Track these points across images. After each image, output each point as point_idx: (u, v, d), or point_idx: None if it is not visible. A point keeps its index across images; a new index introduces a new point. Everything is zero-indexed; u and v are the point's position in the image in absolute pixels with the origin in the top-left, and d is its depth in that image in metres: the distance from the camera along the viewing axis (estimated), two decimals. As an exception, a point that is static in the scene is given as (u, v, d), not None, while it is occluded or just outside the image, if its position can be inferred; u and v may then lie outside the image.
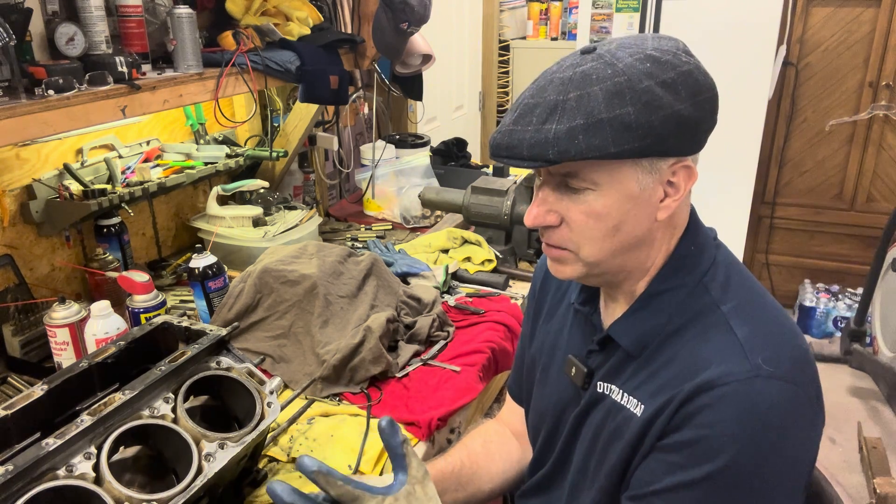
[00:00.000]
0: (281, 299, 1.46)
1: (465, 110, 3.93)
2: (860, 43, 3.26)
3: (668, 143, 0.75)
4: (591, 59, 0.77)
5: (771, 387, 0.73)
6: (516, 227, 1.95)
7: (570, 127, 0.73)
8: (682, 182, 0.80)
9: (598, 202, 0.78)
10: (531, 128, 0.75)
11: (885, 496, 2.23)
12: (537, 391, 1.04)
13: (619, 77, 0.74)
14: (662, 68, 0.75)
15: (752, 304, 0.82)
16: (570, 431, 0.94)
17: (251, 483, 1.08)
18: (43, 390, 0.90)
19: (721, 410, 0.74)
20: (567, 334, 0.98)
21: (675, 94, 0.74)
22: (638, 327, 0.85)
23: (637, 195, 0.78)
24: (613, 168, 0.77)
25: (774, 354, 0.76)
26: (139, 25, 1.38)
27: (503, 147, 0.78)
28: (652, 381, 0.82)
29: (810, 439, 0.77)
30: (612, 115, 0.73)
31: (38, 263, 1.55)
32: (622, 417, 0.84)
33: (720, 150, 3.28)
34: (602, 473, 0.86)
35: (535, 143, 0.74)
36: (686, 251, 0.85)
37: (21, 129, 1.09)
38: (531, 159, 0.75)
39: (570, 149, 0.73)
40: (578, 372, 0.91)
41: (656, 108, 0.73)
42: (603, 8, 3.30)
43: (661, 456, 0.78)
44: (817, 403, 0.77)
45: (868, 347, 3.04)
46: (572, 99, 0.74)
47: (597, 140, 0.73)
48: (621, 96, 0.73)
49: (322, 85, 1.77)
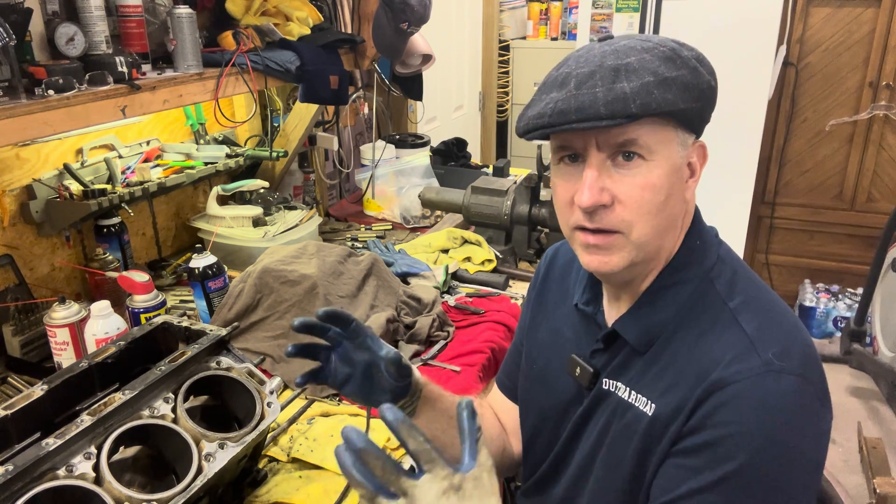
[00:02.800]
0: (281, 299, 1.46)
1: (465, 110, 3.93)
2: (860, 43, 3.26)
3: (704, 113, 0.79)
4: (623, 39, 0.78)
5: (783, 381, 0.73)
6: (516, 227, 1.95)
7: (643, 83, 0.73)
8: (698, 163, 0.83)
9: (653, 173, 0.77)
10: (600, 88, 0.73)
11: (885, 496, 2.23)
12: (537, 391, 1.03)
13: (662, 47, 0.76)
14: (686, 47, 0.78)
15: (759, 300, 0.82)
16: (573, 430, 0.94)
17: (251, 483, 1.08)
18: (43, 390, 0.90)
19: (736, 408, 0.73)
20: (570, 334, 0.98)
21: (705, 67, 0.78)
22: (644, 322, 0.84)
23: (678, 168, 0.80)
24: (666, 136, 0.77)
25: (784, 349, 0.76)
26: (139, 25, 1.38)
27: (571, 111, 0.74)
28: (661, 378, 0.81)
29: (822, 433, 0.77)
30: (673, 75, 0.74)
31: (38, 263, 1.55)
32: (631, 416, 0.83)
33: (720, 150, 3.27)
34: (612, 472, 0.86)
35: (614, 100, 0.72)
36: (693, 245, 0.85)
37: (21, 129, 1.09)
38: (610, 117, 0.72)
39: (651, 102, 0.73)
40: (584, 372, 0.91)
41: (699, 75, 0.76)
42: (603, 8, 3.30)
43: (679, 461, 0.78)
44: (826, 398, 0.77)
45: (868, 347, 3.04)
46: (633, 62, 0.74)
47: (669, 95, 0.74)
48: (673, 61, 0.75)
49: (322, 85, 1.77)
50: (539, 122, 0.77)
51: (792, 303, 3.71)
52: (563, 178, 0.82)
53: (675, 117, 0.76)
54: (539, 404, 1.02)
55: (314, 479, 1.10)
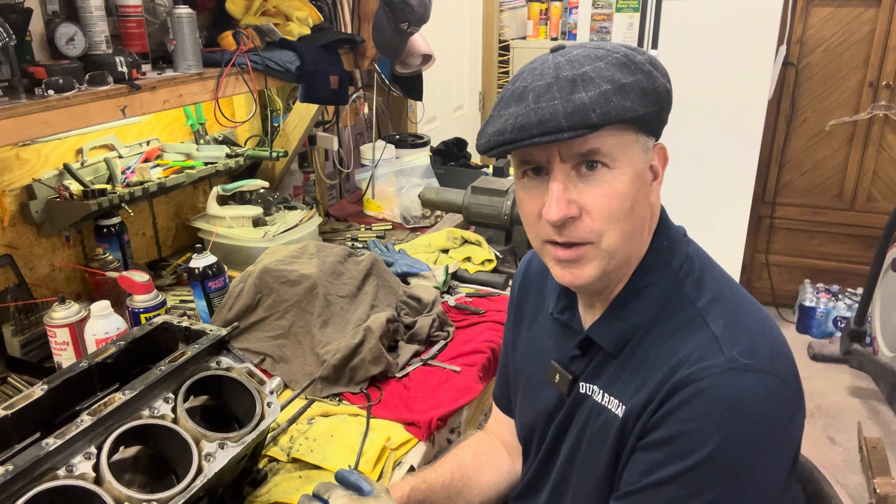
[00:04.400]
0: (281, 299, 1.46)
1: (465, 110, 3.93)
2: (860, 43, 3.26)
3: (662, 115, 0.79)
4: (575, 48, 0.79)
5: (747, 379, 0.73)
6: (516, 227, 1.95)
7: (601, 91, 0.73)
8: (660, 165, 0.84)
9: (618, 181, 0.77)
10: (559, 100, 0.73)
11: (885, 496, 2.23)
12: (526, 402, 1.03)
13: (615, 54, 0.76)
14: (638, 51, 0.79)
15: (727, 299, 0.82)
16: (555, 435, 0.94)
17: (251, 483, 1.08)
18: (43, 390, 0.90)
19: (699, 405, 0.74)
20: (550, 343, 0.98)
21: (659, 71, 0.78)
22: (616, 326, 0.85)
23: (641, 173, 0.80)
24: (627, 142, 0.77)
25: (750, 346, 0.76)
26: (139, 25, 1.38)
27: (532, 125, 0.73)
28: (631, 380, 0.82)
29: (790, 429, 0.77)
30: (629, 80, 0.74)
31: (38, 263, 1.55)
32: (604, 419, 0.84)
33: (720, 150, 3.31)
34: (588, 475, 0.87)
35: (574, 111, 0.72)
36: (660, 246, 0.85)
37: (21, 129, 1.09)
38: (571, 129, 0.72)
39: (611, 110, 0.72)
40: (563, 379, 0.91)
41: (654, 79, 0.77)
42: (603, 8, 3.30)
43: (641, 455, 0.79)
44: (797, 393, 0.77)
45: (868, 347, 3.04)
46: (588, 71, 0.74)
47: (628, 102, 0.74)
48: (628, 67, 0.75)
49: (322, 85, 1.77)
50: (500, 138, 0.76)
51: (792, 303, 3.71)
52: (528, 192, 0.82)
53: (635, 123, 0.77)
54: (527, 414, 1.02)
55: (314, 479, 1.10)
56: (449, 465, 1.07)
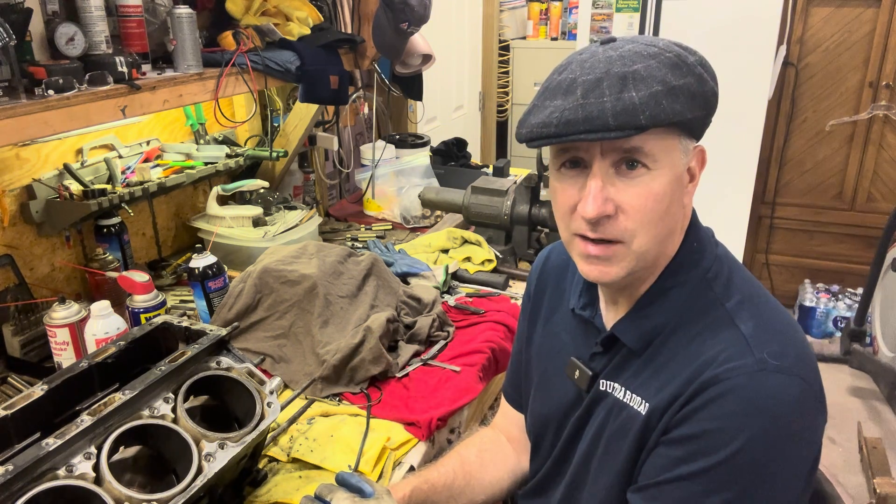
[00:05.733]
0: (281, 299, 1.46)
1: (465, 110, 3.93)
2: (860, 43, 3.26)
3: (707, 119, 0.78)
4: (626, 42, 0.77)
5: (777, 380, 0.73)
6: (516, 227, 1.95)
7: (652, 93, 0.72)
8: (697, 168, 0.83)
9: (656, 182, 0.76)
10: (608, 98, 0.72)
11: (885, 496, 2.23)
12: (540, 396, 1.03)
13: (667, 53, 0.75)
14: (689, 51, 0.77)
15: (755, 301, 0.82)
16: (572, 432, 0.94)
17: (251, 483, 1.08)
18: (43, 390, 0.90)
19: (726, 404, 0.74)
20: (568, 338, 0.98)
21: (709, 73, 0.77)
22: (643, 325, 0.84)
23: (679, 176, 0.79)
24: (670, 145, 0.77)
25: (780, 349, 0.76)
26: (139, 25, 1.38)
27: (579, 121, 0.72)
28: (656, 378, 0.82)
29: (814, 433, 0.77)
30: (680, 83, 0.73)
31: (38, 263, 1.55)
32: (626, 416, 0.84)
33: (720, 150, 3.28)
34: (607, 471, 0.86)
35: (623, 111, 0.71)
36: (690, 247, 0.85)
37: (21, 129, 1.09)
38: (619, 128, 0.71)
39: (660, 113, 0.72)
40: (583, 375, 0.91)
41: (704, 82, 0.76)
42: (603, 8, 3.30)
43: (664, 450, 0.79)
44: (821, 397, 0.78)
45: (868, 347, 3.04)
46: (640, 69, 0.73)
47: (678, 105, 0.73)
48: (679, 68, 0.74)
49: (322, 85, 1.77)
50: (545, 131, 0.75)
51: (792, 303, 3.71)
52: (563, 185, 0.81)
53: (681, 126, 0.76)
54: (541, 409, 1.02)
55: (314, 479, 1.09)
56: (451, 464, 1.07)
